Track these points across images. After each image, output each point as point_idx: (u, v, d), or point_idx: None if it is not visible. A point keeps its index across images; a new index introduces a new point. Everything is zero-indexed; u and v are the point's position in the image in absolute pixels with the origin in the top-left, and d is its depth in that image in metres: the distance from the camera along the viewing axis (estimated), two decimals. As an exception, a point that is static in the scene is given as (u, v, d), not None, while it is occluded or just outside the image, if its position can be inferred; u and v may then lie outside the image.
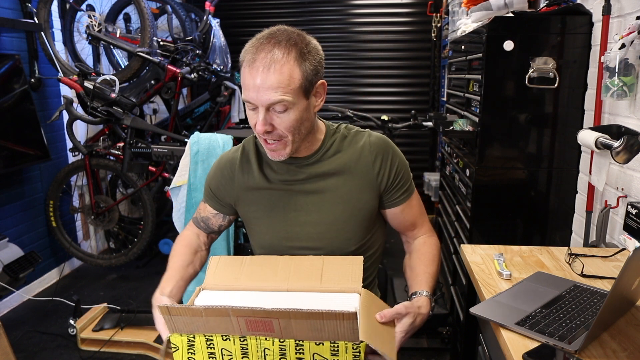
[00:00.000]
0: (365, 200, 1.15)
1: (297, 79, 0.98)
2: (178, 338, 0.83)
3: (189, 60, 3.16)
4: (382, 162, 1.15)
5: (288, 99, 0.98)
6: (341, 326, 0.76)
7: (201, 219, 1.29)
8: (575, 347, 0.82)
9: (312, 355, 0.80)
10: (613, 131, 1.29)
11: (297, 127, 1.03)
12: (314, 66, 1.02)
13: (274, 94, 0.97)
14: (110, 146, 3.04)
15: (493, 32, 1.69)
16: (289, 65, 0.97)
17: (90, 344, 2.30)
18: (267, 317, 0.76)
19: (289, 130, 1.03)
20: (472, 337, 1.43)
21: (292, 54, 0.98)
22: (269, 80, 0.96)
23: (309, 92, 1.03)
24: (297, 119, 1.02)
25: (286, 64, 0.97)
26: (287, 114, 1.00)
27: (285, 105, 0.99)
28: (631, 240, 1.20)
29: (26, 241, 2.83)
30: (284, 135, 1.03)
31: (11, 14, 2.71)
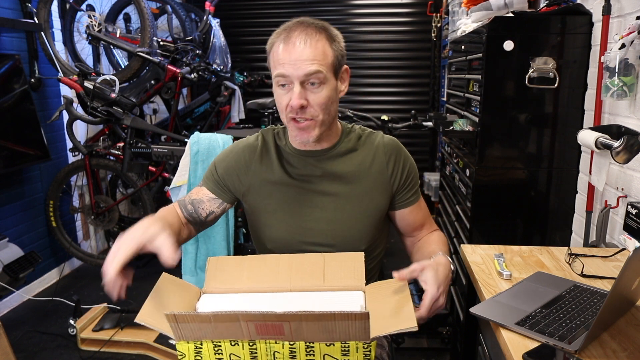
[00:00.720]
0: (378, 200, 1.16)
1: (330, 55, 1.04)
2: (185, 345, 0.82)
3: (189, 60, 3.16)
4: (395, 164, 1.17)
5: (324, 71, 1.02)
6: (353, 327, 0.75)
7: (190, 202, 1.20)
8: (575, 347, 0.82)
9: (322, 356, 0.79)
10: (613, 131, 1.29)
11: (328, 106, 1.06)
12: (341, 50, 1.08)
13: (312, 65, 1.01)
14: (110, 146, 3.04)
15: (493, 32, 1.69)
16: (323, 42, 1.03)
17: (90, 344, 2.30)
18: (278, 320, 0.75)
19: (322, 107, 1.05)
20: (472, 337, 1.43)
21: (323, 33, 1.05)
22: (306, 52, 1.01)
23: (337, 73, 1.08)
24: (329, 96, 1.05)
25: (320, 40, 1.03)
26: (321, 89, 1.04)
27: (320, 79, 1.02)
28: (631, 240, 1.20)
29: (26, 241, 2.83)
30: (316, 114, 1.05)
31: (11, 14, 2.71)
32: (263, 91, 4.29)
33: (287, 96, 1.04)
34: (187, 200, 1.21)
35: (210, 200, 1.20)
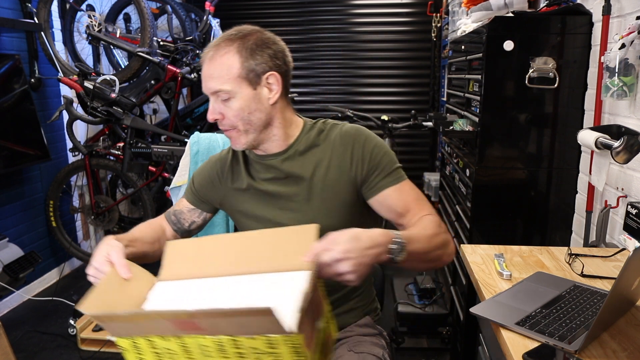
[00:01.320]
0: (344, 194, 1.12)
1: (236, 68, 1.04)
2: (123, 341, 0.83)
3: (189, 60, 3.16)
4: (354, 151, 1.12)
5: (226, 87, 1.04)
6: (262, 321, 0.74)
7: (173, 212, 1.27)
8: (575, 347, 0.82)
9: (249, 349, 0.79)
10: (613, 131, 1.29)
11: (245, 116, 1.07)
12: (261, 58, 1.05)
13: (213, 82, 1.05)
14: (110, 146, 3.04)
15: (493, 32, 1.69)
16: (229, 55, 1.04)
17: (90, 344, 2.30)
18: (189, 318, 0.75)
19: (237, 118, 1.07)
20: (472, 337, 1.44)
21: (234, 44, 1.04)
22: (209, 69, 1.05)
23: (254, 83, 1.06)
24: (242, 107, 1.06)
25: (227, 53, 1.04)
26: (232, 102, 1.05)
27: (227, 94, 1.05)
28: (631, 240, 1.20)
29: (26, 241, 2.83)
30: (234, 124, 1.08)
31: (11, 14, 2.71)
32: (263, 91, 4.28)
33: None
34: (171, 212, 1.27)
35: (189, 211, 1.26)
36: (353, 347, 1.15)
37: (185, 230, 1.26)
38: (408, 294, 2.33)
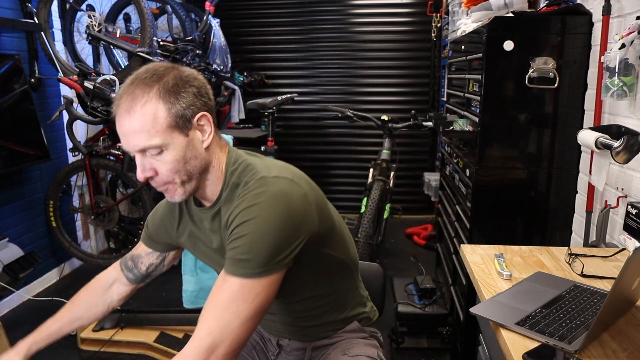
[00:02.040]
0: None
1: (163, 117, 0.89)
2: None
3: (189, 60, 3.16)
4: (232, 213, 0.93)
5: (156, 142, 0.89)
6: None
7: (130, 258, 1.22)
8: (575, 347, 0.82)
9: None
10: (613, 131, 1.29)
11: (181, 167, 0.93)
12: (187, 99, 0.91)
13: (138, 139, 0.89)
14: (110, 146, 3.04)
15: (493, 32, 1.69)
16: (151, 104, 0.89)
17: (90, 344, 2.30)
18: None
19: (173, 172, 0.93)
20: (472, 337, 1.44)
21: (153, 90, 0.89)
22: (132, 124, 0.89)
23: (185, 128, 0.92)
24: (177, 159, 0.92)
25: (147, 103, 0.89)
26: (164, 155, 0.91)
27: (157, 148, 0.90)
28: (631, 240, 1.20)
29: (26, 241, 2.83)
30: (169, 179, 0.94)
31: (11, 14, 2.71)
32: (263, 91, 4.29)
33: None
34: (127, 257, 1.23)
35: (147, 255, 1.22)
36: (346, 350, 1.14)
37: (142, 275, 1.22)
38: (408, 294, 2.33)
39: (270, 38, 4.26)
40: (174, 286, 2.94)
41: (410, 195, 4.09)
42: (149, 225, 1.21)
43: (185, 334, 2.35)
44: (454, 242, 2.14)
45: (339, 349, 1.15)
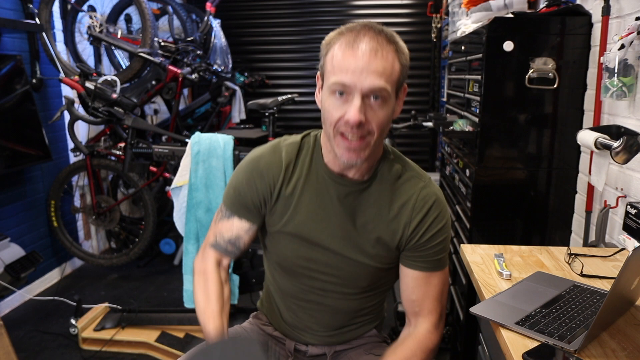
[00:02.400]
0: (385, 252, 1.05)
1: (397, 71, 0.92)
2: None
3: (189, 61, 3.17)
4: (419, 225, 1.01)
5: (389, 88, 0.90)
6: None
7: (228, 242, 1.09)
8: (574, 346, 0.83)
9: None
10: (612, 131, 1.29)
11: (385, 127, 0.94)
12: (407, 65, 0.96)
13: (379, 79, 0.88)
14: (111, 146, 3.05)
15: (493, 33, 1.69)
16: (392, 54, 0.91)
17: (92, 343, 2.31)
18: None
19: (379, 127, 0.92)
20: (472, 336, 1.44)
21: (393, 45, 0.92)
22: (375, 64, 0.88)
23: (398, 91, 0.96)
24: (388, 116, 0.93)
25: (390, 52, 0.90)
26: (382, 108, 0.91)
27: (384, 97, 0.90)
28: (630, 240, 1.21)
29: (28, 241, 2.84)
30: (372, 132, 0.92)
31: (13, 14, 2.72)
32: (264, 92, 4.29)
33: (342, 108, 0.90)
34: (222, 244, 1.09)
35: (247, 232, 1.09)
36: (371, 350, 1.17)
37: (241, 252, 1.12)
38: None
39: (271, 39, 4.27)
40: (175, 286, 2.95)
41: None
42: (240, 191, 1.06)
43: (186, 334, 2.35)
44: (454, 242, 2.15)
45: (362, 349, 1.17)
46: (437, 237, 1.02)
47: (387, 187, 1.03)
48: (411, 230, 1.02)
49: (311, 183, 1.04)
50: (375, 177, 1.03)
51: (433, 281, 1.05)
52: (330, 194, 1.03)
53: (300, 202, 1.04)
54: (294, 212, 1.04)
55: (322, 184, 1.04)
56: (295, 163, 1.05)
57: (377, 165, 1.04)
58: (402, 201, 1.02)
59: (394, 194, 1.03)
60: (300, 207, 1.04)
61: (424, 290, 1.05)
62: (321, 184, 1.04)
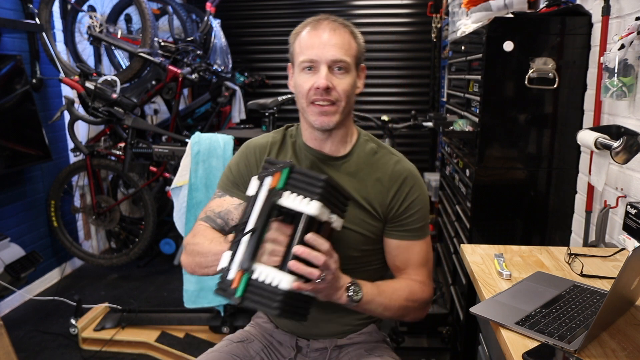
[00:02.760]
0: (371, 221, 1.14)
1: (354, 48, 1.11)
2: None
3: (189, 61, 3.17)
4: (398, 193, 1.14)
5: (348, 60, 1.08)
6: None
7: (218, 216, 1.16)
8: (574, 346, 0.83)
9: None
10: (612, 131, 1.29)
11: (349, 95, 1.10)
12: (362, 46, 1.14)
13: (339, 51, 1.07)
14: (111, 146, 3.05)
15: (493, 33, 1.69)
16: (348, 35, 1.10)
17: (92, 343, 2.31)
18: None
19: (345, 94, 1.08)
20: (472, 336, 1.44)
21: (348, 28, 1.11)
22: (335, 39, 1.07)
23: (357, 67, 1.13)
24: (351, 85, 1.10)
25: (346, 33, 1.10)
26: (345, 77, 1.09)
27: (345, 67, 1.08)
28: (630, 240, 1.21)
29: (28, 241, 2.84)
30: (339, 99, 1.08)
31: (13, 14, 2.72)
32: (264, 91, 4.29)
33: (312, 79, 1.07)
34: (212, 216, 1.17)
35: (237, 208, 1.17)
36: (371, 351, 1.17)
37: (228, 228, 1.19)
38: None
39: (271, 38, 4.27)
40: (175, 286, 2.95)
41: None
42: (234, 171, 1.19)
43: (186, 334, 2.35)
44: (454, 242, 2.15)
45: (362, 349, 1.18)
46: (414, 207, 1.14)
47: (363, 162, 1.16)
48: (389, 201, 1.14)
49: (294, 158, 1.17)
50: (352, 154, 1.17)
51: (415, 249, 1.16)
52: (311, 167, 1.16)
53: None
54: None
55: (304, 159, 1.17)
56: (282, 144, 1.20)
57: (354, 145, 1.17)
58: (378, 174, 1.15)
59: (370, 167, 1.16)
60: None
61: (407, 258, 1.16)
62: (303, 160, 1.17)
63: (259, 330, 1.25)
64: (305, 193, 0.91)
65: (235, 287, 0.89)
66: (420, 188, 1.16)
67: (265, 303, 0.88)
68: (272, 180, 0.93)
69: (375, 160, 1.16)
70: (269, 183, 0.93)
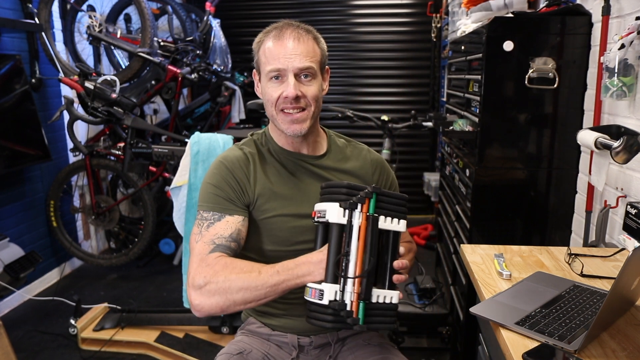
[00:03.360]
0: None
1: (318, 53, 1.13)
2: None
3: (189, 61, 3.16)
4: (381, 175, 1.27)
5: (314, 66, 1.11)
6: None
7: (230, 239, 1.07)
8: (574, 346, 0.83)
9: None
10: (612, 131, 1.29)
11: (318, 99, 1.13)
12: (325, 50, 1.17)
13: (305, 59, 1.09)
14: (110, 146, 3.05)
15: (493, 33, 1.69)
16: (312, 41, 1.13)
17: (91, 343, 2.31)
18: None
19: (314, 99, 1.12)
20: (472, 336, 1.44)
21: (311, 34, 1.14)
22: (300, 48, 1.09)
23: (322, 71, 1.16)
24: (318, 90, 1.13)
25: (309, 40, 1.12)
26: (312, 84, 1.11)
27: (312, 73, 1.11)
28: (630, 240, 1.21)
29: (27, 241, 2.83)
30: (308, 105, 1.12)
31: (12, 14, 2.72)
32: (263, 91, 4.28)
33: (280, 88, 1.10)
34: (225, 243, 1.07)
35: (243, 225, 1.11)
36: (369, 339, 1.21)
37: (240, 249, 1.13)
38: (408, 294, 2.34)
39: (271, 38, 4.27)
40: (175, 286, 2.94)
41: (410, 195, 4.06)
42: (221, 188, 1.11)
43: (185, 334, 2.35)
44: (454, 242, 2.14)
45: (361, 339, 1.21)
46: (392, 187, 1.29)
47: (341, 156, 1.24)
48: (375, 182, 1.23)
49: (277, 164, 1.19)
50: (330, 151, 1.23)
51: None
52: (296, 169, 1.19)
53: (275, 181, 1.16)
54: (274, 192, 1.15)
55: (286, 163, 1.19)
56: (259, 153, 1.19)
57: (327, 143, 1.24)
58: (358, 163, 1.24)
59: (348, 159, 1.24)
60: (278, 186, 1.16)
61: None
62: (286, 164, 1.19)
63: (254, 337, 1.22)
64: (393, 214, 1.01)
65: (356, 315, 0.95)
66: (390, 171, 1.31)
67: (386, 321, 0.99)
68: (364, 207, 0.97)
69: (350, 152, 1.26)
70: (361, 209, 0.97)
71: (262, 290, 0.96)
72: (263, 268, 0.99)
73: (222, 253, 1.05)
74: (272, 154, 1.20)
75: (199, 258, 1.04)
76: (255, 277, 0.97)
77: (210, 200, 1.11)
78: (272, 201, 1.14)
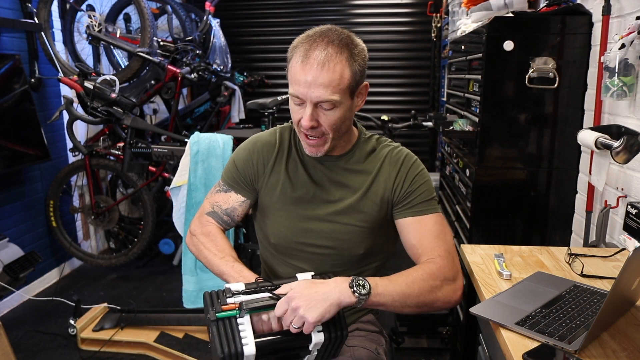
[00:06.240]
0: (378, 210, 1.15)
1: (347, 79, 1.02)
2: None
3: (189, 61, 3.16)
4: (399, 174, 1.15)
5: (336, 98, 1.02)
6: None
7: (224, 213, 1.22)
8: (575, 347, 0.82)
9: None
10: (613, 131, 1.29)
11: (339, 125, 1.07)
12: (361, 67, 1.06)
13: (325, 91, 1.00)
14: (110, 146, 3.04)
15: (493, 32, 1.69)
16: (341, 65, 1.01)
17: (91, 343, 2.30)
18: None
19: (332, 128, 1.06)
20: (472, 337, 1.44)
21: (344, 53, 1.02)
22: (322, 77, 0.99)
23: (354, 93, 1.07)
24: (340, 117, 1.06)
25: (339, 63, 1.01)
26: (333, 112, 1.04)
27: (333, 104, 1.03)
28: (631, 240, 1.21)
29: (26, 241, 2.83)
30: (326, 132, 1.07)
31: (11, 14, 2.71)
32: (263, 91, 4.29)
33: (299, 113, 1.05)
34: (219, 213, 1.23)
35: (241, 205, 1.22)
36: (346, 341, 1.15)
37: (234, 223, 1.26)
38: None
39: (270, 38, 4.26)
40: (174, 286, 2.94)
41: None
42: (238, 167, 1.21)
43: (185, 334, 2.35)
44: (454, 242, 2.14)
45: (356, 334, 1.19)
46: (418, 181, 1.14)
47: (365, 156, 1.18)
48: (392, 183, 1.14)
49: (298, 160, 1.18)
50: (353, 153, 1.18)
51: (427, 223, 1.12)
52: (315, 168, 1.17)
53: (292, 175, 1.17)
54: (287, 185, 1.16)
55: (306, 160, 1.18)
56: (290, 143, 1.20)
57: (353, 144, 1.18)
58: (379, 163, 1.17)
59: (371, 163, 1.17)
60: (293, 180, 1.17)
61: (420, 233, 1.11)
62: (305, 161, 1.18)
63: None
64: None
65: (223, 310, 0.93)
66: (419, 166, 1.17)
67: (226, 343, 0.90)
68: None
69: (376, 153, 1.19)
70: None
71: (214, 269, 1.15)
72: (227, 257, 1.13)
73: (214, 220, 1.23)
74: (296, 148, 1.19)
75: (200, 212, 1.25)
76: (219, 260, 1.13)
77: (227, 172, 1.23)
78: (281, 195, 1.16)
